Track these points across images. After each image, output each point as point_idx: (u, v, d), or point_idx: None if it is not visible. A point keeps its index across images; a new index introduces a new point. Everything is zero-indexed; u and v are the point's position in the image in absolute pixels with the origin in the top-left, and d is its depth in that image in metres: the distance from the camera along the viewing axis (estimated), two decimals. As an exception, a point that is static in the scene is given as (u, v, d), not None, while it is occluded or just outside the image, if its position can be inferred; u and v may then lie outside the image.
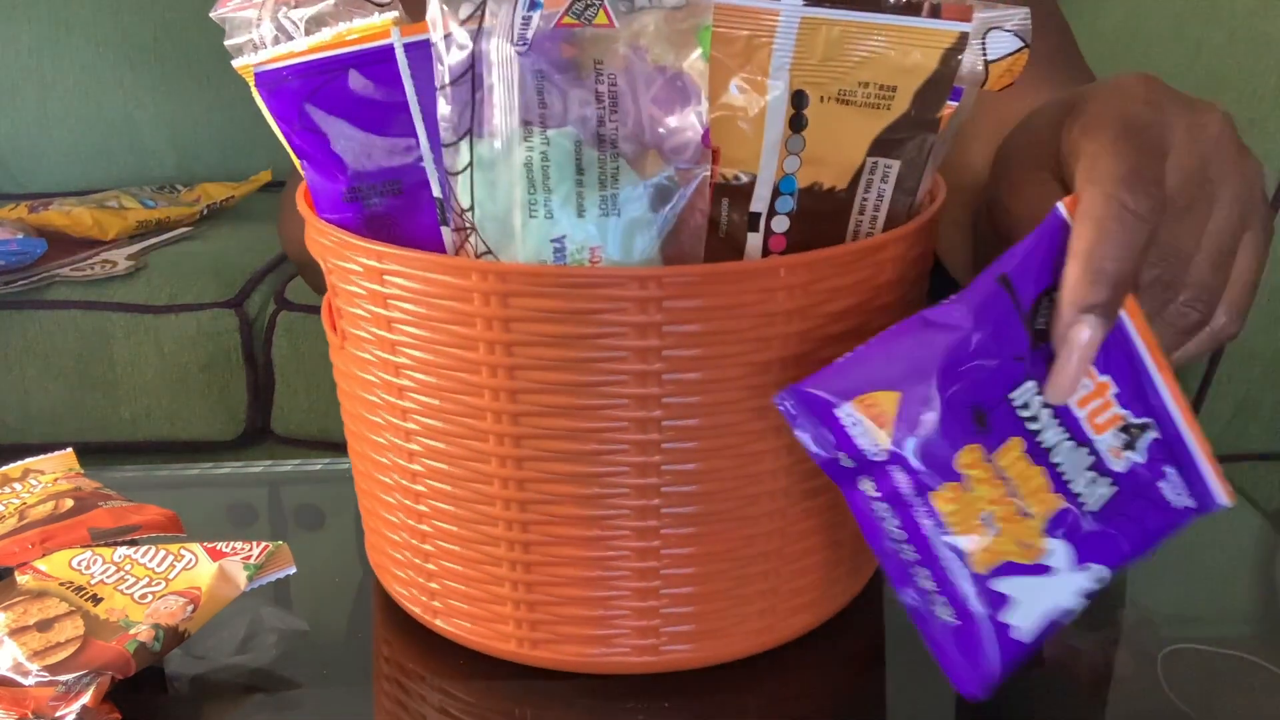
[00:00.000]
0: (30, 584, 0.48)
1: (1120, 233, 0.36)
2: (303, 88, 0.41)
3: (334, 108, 0.41)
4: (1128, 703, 0.46)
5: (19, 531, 0.52)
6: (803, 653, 0.48)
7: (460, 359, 0.41)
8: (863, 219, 0.42)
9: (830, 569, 0.47)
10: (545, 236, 0.38)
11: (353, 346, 0.45)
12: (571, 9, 0.34)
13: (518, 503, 0.42)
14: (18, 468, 0.58)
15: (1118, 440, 0.40)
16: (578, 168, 0.37)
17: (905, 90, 0.40)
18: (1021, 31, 0.41)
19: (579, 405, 0.40)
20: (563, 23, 0.34)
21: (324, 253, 0.44)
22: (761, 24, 0.38)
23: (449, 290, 0.39)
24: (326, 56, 0.41)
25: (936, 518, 0.38)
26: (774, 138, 0.40)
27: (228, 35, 0.47)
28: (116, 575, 0.48)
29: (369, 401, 0.45)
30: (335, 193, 0.42)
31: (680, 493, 0.42)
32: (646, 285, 0.38)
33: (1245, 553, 0.57)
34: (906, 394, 0.38)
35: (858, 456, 0.38)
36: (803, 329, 0.41)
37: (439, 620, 0.48)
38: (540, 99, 0.35)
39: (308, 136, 0.42)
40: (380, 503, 0.48)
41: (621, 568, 0.43)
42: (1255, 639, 0.50)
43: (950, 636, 0.39)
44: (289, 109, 0.41)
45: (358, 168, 0.42)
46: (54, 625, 0.45)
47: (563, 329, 0.39)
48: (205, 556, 0.48)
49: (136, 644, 0.44)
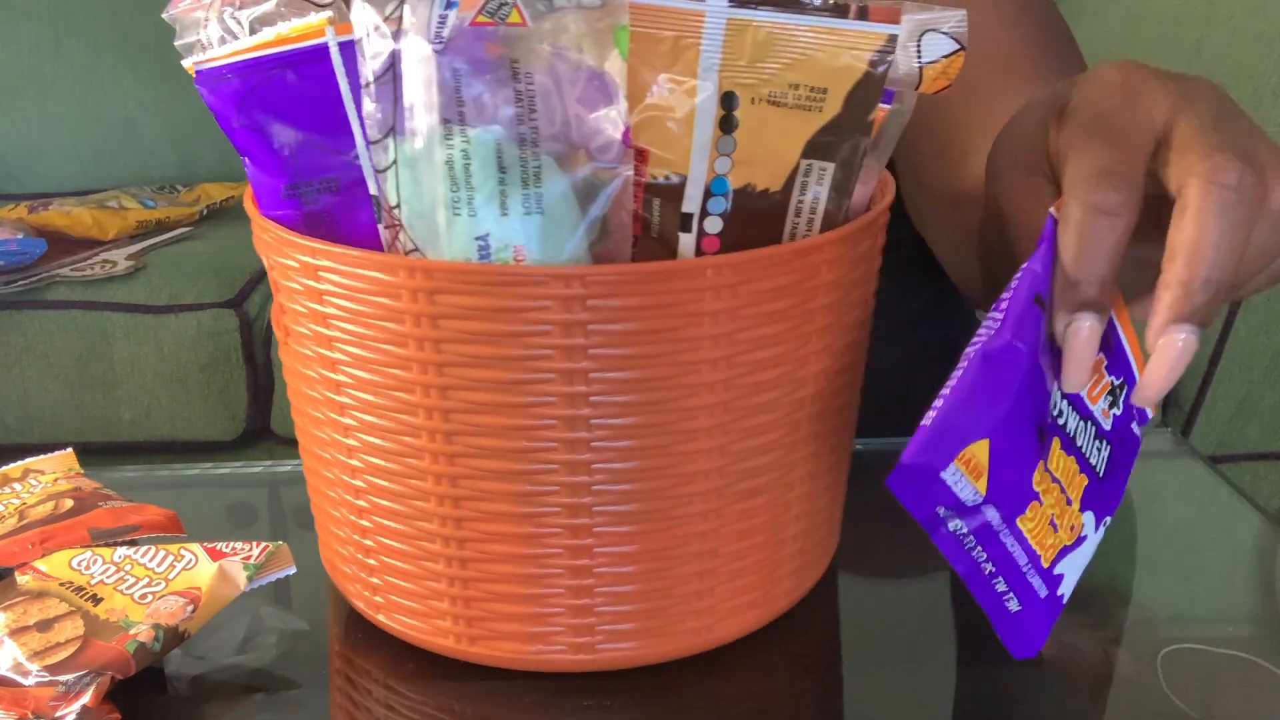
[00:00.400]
0: (30, 584, 0.48)
1: (1097, 233, 0.36)
2: (242, 86, 0.42)
3: (272, 106, 0.42)
4: (1128, 703, 0.46)
5: (19, 532, 0.52)
6: (748, 652, 0.48)
7: (393, 355, 0.41)
8: (799, 221, 0.42)
9: (772, 569, 0.47)
10: (469, 235, 0.38)
11: (294, 343, 0.45)
12: (485, 8, 0.34)
13: (451, 499, 0.43)
14: (18, 468, 0.59)
15: (1105, 403, 0.42)
16: (500, 166, 0.37)
17: (836, 92, 0.40)
18: (958, 34, 0.41)
19: (508, 403, 0.40)
20: (477, 21, 0.34)
21: (265, 249, 0.44)
22: (688, 25, 0.39)
23: (380, 287, 0.40)
24: (264, 55, 0.41)
25: (1023, 539, 0.40)
26: (703, 138, 0.40)
27: (178, 35, 0.48)
28: (116, 575, 0.48)
29: (311, 397, 0.46)
30: (275, 190, 0.43)
31: (612, 492, 0.42)
32: (570, 284, 0.38)
33: (1245, 553, 0.57)
34: (995, 439, 0.38)
35: (956, 505, 0.39)
36: (732, 330, 0.41)
37: (381, 616, 0.48)
38: (458, 97, 0.36)
39: (247, 134, 0.42)
40: (325, 498, 0.48)
41: (556, 565, 0.43)
42: (1255, 639, 0.50)
43: (1013, 618, 0.41)
44: (229, 107, 0.42)
45: (296, 165, 0.42)
46: (54, 625, 0.46)
47: (488, 327, 0.39)
48: (205, 557, 0.48)
49: (137, 644, 0.44)
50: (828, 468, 0.48)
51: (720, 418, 0.42)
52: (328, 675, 0.48)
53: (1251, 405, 1.29)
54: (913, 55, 0.41)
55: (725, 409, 0.42)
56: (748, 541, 0.45)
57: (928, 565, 0.54)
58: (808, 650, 0.49)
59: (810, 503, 0.47)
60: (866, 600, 0.52)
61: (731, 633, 0.47)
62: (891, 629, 0.51)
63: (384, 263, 0.39)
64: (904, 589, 0.53)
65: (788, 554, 0.47)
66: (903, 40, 0.41)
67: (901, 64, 0.41)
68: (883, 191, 0.47)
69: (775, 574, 0.47)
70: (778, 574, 0.47)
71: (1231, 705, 0.45)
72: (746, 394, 0.42)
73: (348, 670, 0.48)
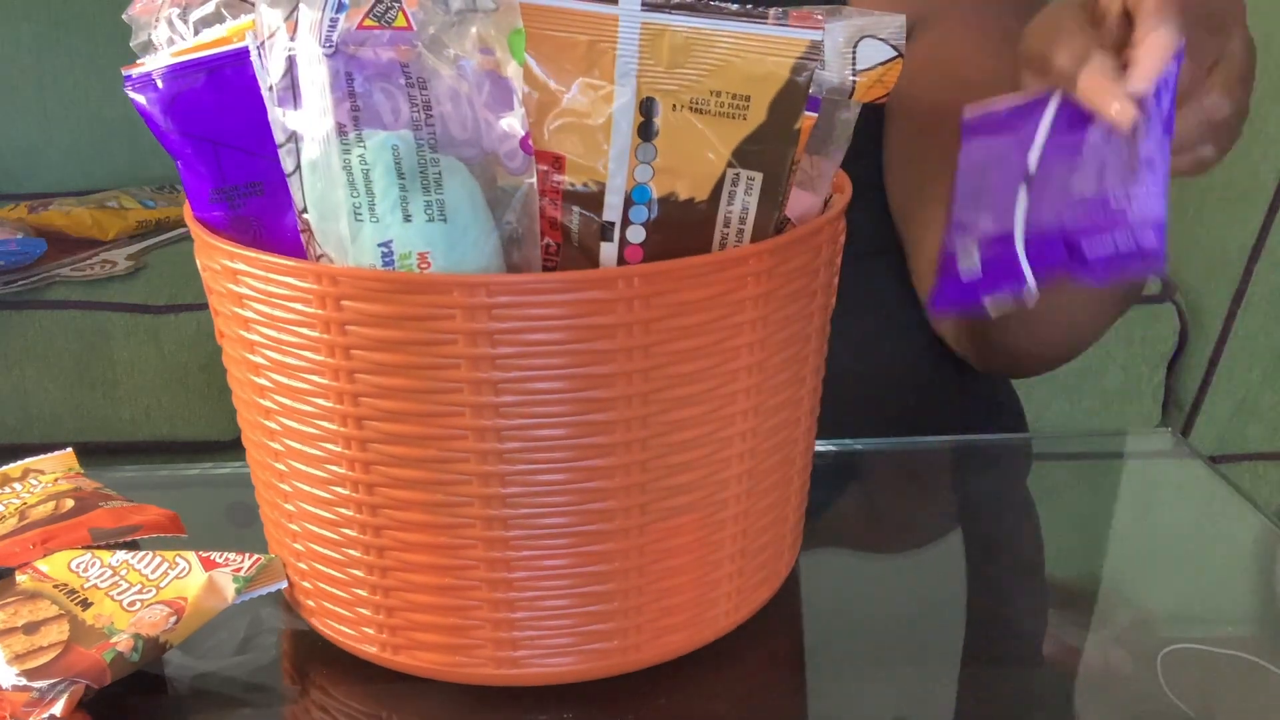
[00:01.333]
0: (27, 585, 0.48)
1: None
2: (168, 91, 0.42)
3: (197, 110, 0.42)
4: (1128, 703, 0.45)
5: (20, 532, 0.52)
6: (683, 674, 0.46)
7: (309, 361, 0.41)
8: (728, 231, 0.41)
9: (705, 590, 0.46)
10: (373, 241, 0.37)
11: (226, 345, 0.45)
12: (372, 11, 0.34)
13: (369, 506, 0.42)
14: (17, 467, 0.58)
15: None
16: (399, 171, 0.36)
17: (760, 100, 0.39)
18: (895, 40, 0.40)
19: (417, 411, 0.40)
20: (363, 25, 0.34)
21: (198, 253, 0.44)
22: (603, 29, 0.38)
23: (293, 292, 0.40)
24: (190, 59, 0.41)
25: None
26: (622, 146, 0.39)
27: (133, 36, 0.48)
28: (111, 580, 0.47)
29: (242, 400, 0.46)
30: (204, 193, 0.43)
31: (527, 505, 0.41)
32: (474, 292, 0.37)
33: (1245, 553, 0.56)
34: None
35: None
36: (649, 342, 0.39)
37: (315, 621, 0.48)
38: (352, 102, 0.35)
39: (176, 139, 0.42)
40: (263, 499, 0.48)
41: (474, 578, 0.43)
42: (1255, 639, 0.49)
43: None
44: (157, 112, 0.42)
45: (222, 169, 0.42)
46: (40, 629, 0.45)
47: (394, 335, 0.38)
48: (199, 566, 0.47)
49: (114, 653, 0.43)
50: (769, 487, 0.46)
51: (638, 433, 0.41)
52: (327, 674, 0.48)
53: (1251, 405, 1.28)
54: (847, 62, 0.40)
55: (643, 424, 0.41)
56: (675, 560, 0.44)
57: (894, 581, 0.53)
58: (746, 674, 0.47)
59: (750, 521, 0.46)
60: (821, 620, 0.51)
61: (662, 653, 0.46)
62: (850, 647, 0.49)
63: (294, 268, 0.39)
64: (866, 605, 0.51)
65: (724, 574, 0.46)
66: (839, 47, 0.40)
67: (834, 72, 0.39)
68: (838, 188, 0.46)
69: (710, 595, 0.46)
70: (713, 595, 0.46)
71: (1231, 705, 0.44)
72: (667, 409, 0.41)
73: (293, 672, 0.48)
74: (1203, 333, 1.28)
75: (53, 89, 1.60)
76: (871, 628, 0.50)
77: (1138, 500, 0.51)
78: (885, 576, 0.54)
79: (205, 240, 0.42)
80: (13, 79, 1.59)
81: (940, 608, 0.51)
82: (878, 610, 0.51)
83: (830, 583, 0.53)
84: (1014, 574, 0.53)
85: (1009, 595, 0.51)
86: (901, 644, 0.49)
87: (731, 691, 0.47)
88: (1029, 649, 0.48)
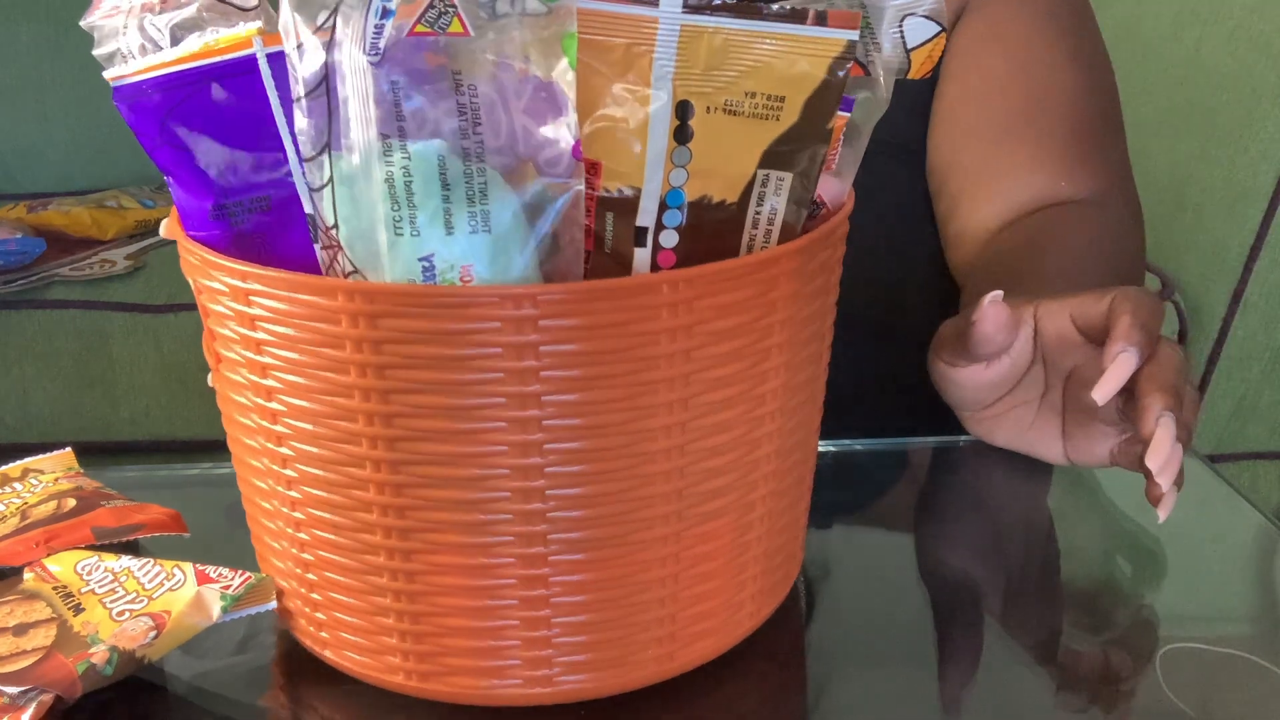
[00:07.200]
0: (29, 584, 0.47)
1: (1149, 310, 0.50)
2: (164, 101, 0.39)
3: (197, 122, 0.39)
4: (1127, 703, 0.45)
5: (23, 531, 0.51)
6: (710, 679, 0.46)
7: (332, 383, 0.39)
8: (756, 233, 0.41)
9: (734, 592, 0.45)
10: (412, 255, 0.36)
11: (227, 370, 0.43)
12: (424, 17, 0.32)
13: (398, 530, 0.41)
14: (16, 467, 0.58)
15: None
16: (444, 183, 0.35)
17: (794, 100, 0.38)
18: (936, 15, 0.40)
19: (456, 430, 0.38)
20: (415, 31, 0.32)
21: (192, 272, 0.42)
22: (641, 31, 0.37)
23: (317, 311, 0.38)
24: (188, 69, 0.39)
25: None
26: (658, 150, 0.38)
27: (96, 44, 0.45)
28: (110, 586, 0.46)
29: (246, 426, 0.43)
30: (202, 210, 0.40)
31: (567, 518, 0.40)
32: (520, 304, 0.36)
33: (1245, 552, 0.57)
34: None
35: None
36: (689, 347, 0.39)
37: (328, 652, 0.46)
38: (398, 111, 0.33)
39: (171, 152, 0.40)
40: (265, 530, 0.46)
41: (509, 596, 0.41)
42: (1255, 639, 0.49)
43: None
44: (150, 124, 0.39)
45: (224, 184, 0.40)
46: (29, 631, 0.44)
47: (435, 351, 0.37)
48: (192, 579, 0.46)
49: (87, 665, 0.42)
50: (790, 484, 0.46)
51: (678, 439, 0.40)
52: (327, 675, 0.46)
53: (1250, 404, 1.29)
54: (898, 42, 0.40)
55: (683, 429, 0.40)
56: (709, 565, 0.44)
57: (899, 577, 0.53)
58: (772, 674, 0.47)
59: (772, 521, 0.46)
60: (833, 619, 0.51)
61: (693, 660, 0.45)
62: (868, 641, 0.49)
63: (321, 286, 0.37)
64: (873, 604, 0.52)
65: (750, 576, 0.46)
66: (885, 28, 0.40)
67: (888, 51, 0.40)
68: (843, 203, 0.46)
69: (737, 597, 0.46)
70: (740, 597, 0.46)
71: (1231, 705, 0.44)
72: (704, 413, 0.41)
73: (295, 708, 0.46)
74: (1202, 332, 1.29)
75: (52, 89, 1.55)
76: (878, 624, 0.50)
77: (1137, 500, 0.52)
78: (885, 576, 0.54)
79: (211, 259, 0.40)
80: (12, 79, 1.58)
81: (940, 608, 0.51)
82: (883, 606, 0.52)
83: (837, 580, 0.54)
84: (1013, 573, 0.53)
85: (1007, 594, 0.52)
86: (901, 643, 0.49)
87: (760, 691, 0.46)
88: (1028, 648, 0.48)
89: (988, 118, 0.74)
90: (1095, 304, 0.52)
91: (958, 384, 0.57)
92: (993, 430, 0.59)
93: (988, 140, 0.74)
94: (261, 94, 0.39)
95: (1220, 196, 1.27)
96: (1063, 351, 0.55)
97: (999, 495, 0.60)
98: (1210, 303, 1.28)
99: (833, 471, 0.60)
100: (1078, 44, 0.76)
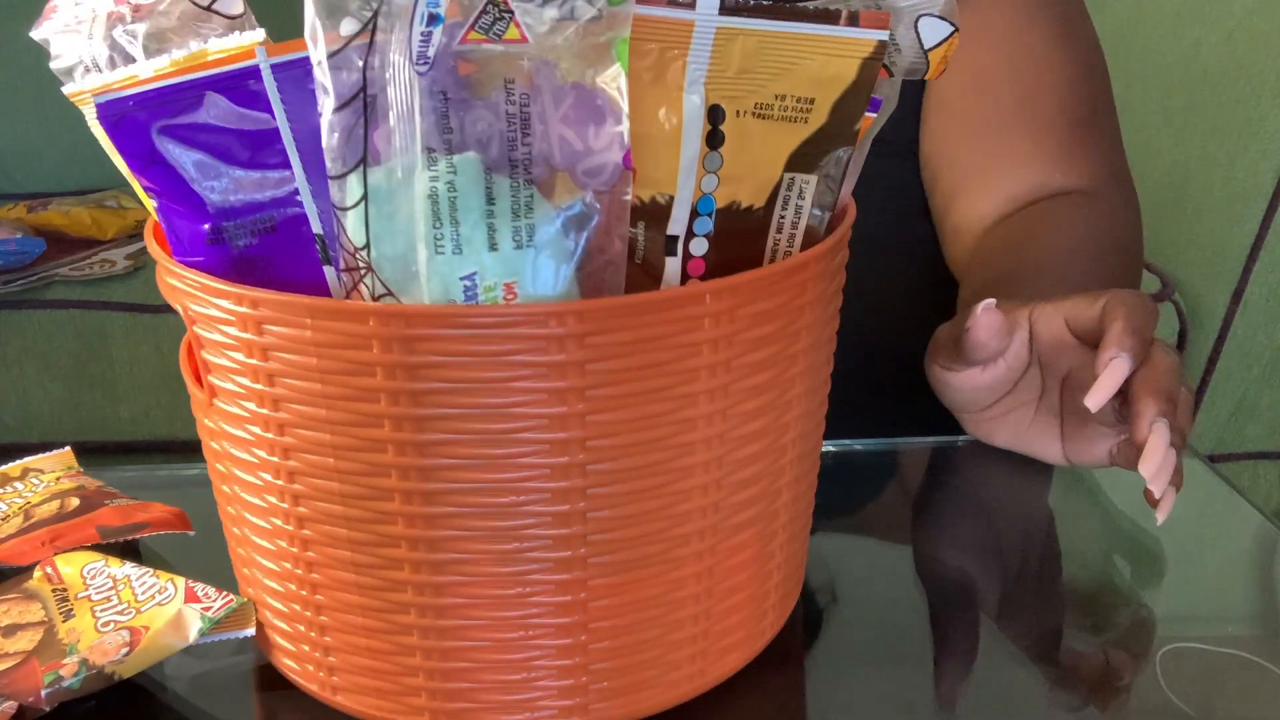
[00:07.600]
0: (32, 585, 0.46)
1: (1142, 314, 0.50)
2: (153, 117, 0.36)
3: (191, 139, 0.36)
4: (1127, 702, 0.45)
5: (27, 530, 0.50)
6: (736, 692, 0.45)
7: (358, 413, 0.36)
8: (780, 238, 0.40)
9: (760, 601, 0.45)
10: (453, 273, 0.34)
11: (223, 402, 0.40)
12: (478, 23, 0.30)
13: (429, 565, 0.38)
14: (16, 467, 0.58)
15: None
16: (488, 196, 0.33)
17: (823, 102, 0.38)
18: (949, 14, 0.40)
19: (496, 456, 0.36)
20: (468, 39, 0.30)
21: (183, 298, 0.39)
22: (674, 35, 0.36)
23: (344, 338, 0.35)
24: (180, 82, 0.36)
25: None
26: (691, 156, 0.37)
27: (54, 57, 0.41)
28: (107, 592, 0.45)
29: (246, 462, 0.40)
30: (197, 234, 0.37)
31: (606, 540, 0.39)
32: (566, 321, 0.35)
33: (1245, 552, 0.57)
34: None
35: None
36: (727, 357, 0.38)
37: (340, 697, 0.43)
38: (445, 123, 0.31)
39: (160, 173, 0.36)
40: (262, 569, 0.43)
41: (544, 624, 0.40)
42: (1255, 639, 0.49)
43: None
44: (137, 143, 0.36)
45: (222, 205, 0.37)
46: (17, 633, 0.43)
47: (476, 374, 0.35)
48: (180, 595, 0.44)
49: (55, 676, 0.41)
50: (806, 488, 0.46)
51: (716, 450, 0.39)
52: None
53: (1250, 404, 1.29)
54: (914, 43, 0.40)
55: (721, 441, 0.39)
56: (739, 576, 0.43)
57: (901, 577, 0.53)
58: (791, 678, 0.47)
59: (793, 527, 0.45)
60: (837, 622, 0.51)
61: (723, 673, 0.45)
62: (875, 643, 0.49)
63: (350, 311, 0.35)
64: (881, 599, 0.52)
65: (775, 583, 0.45)
66: (901, 31, 0.40)
67: (907, 53, 0.39)
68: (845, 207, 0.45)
69: (762, 606, 0.45)
70: (764, 606, 0.45)
71: (1231, 705, 0.45)
72: (739, 423, 0.40)
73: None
74: (1201, 332, 1.29)
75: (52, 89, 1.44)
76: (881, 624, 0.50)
77: (1137, 500, 0.53)
78: (886, 576, 0.54)
79: (212, 286, 0.37)
80: (13, 79, 1.53)
81: (940, 608, 0.51)
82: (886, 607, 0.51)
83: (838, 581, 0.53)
84: (1013, 573, 0.54)
85: (1007, 593, 0.52)
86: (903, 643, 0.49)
87: (786, 693, 0.46)
88: (1028, 648, 0.48)
89: (980, 112, 0.74)
90: (1088, 307, 0.52)
91: (954, 387, 0.57)
92: (991, 432, 0.59)
93: (981, 135, 0.74)
94: (265, 107, 0.36)
95: (1220, 196, 1.26)
96: (1058, 354, 0.55)
97: (999, 495, 0.60)
98: (1210, 303, 1.28)
99: (833, 471, 0.59)
100: (1068, 32, 0.76)
